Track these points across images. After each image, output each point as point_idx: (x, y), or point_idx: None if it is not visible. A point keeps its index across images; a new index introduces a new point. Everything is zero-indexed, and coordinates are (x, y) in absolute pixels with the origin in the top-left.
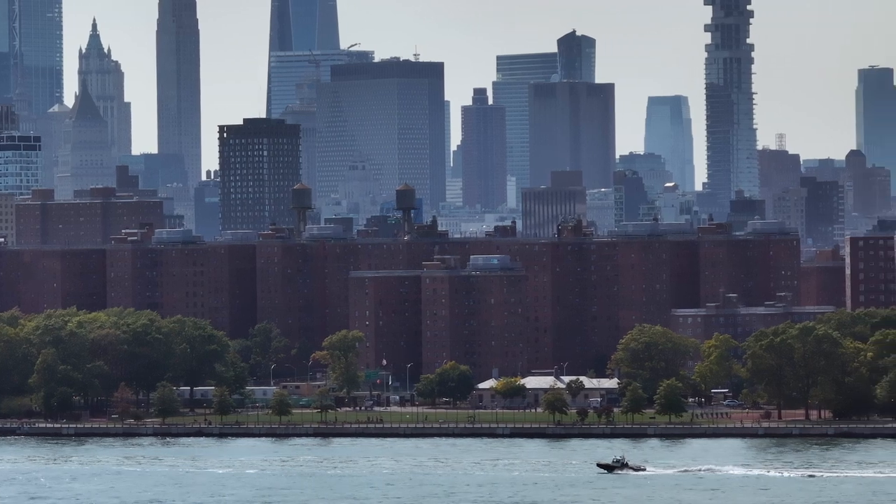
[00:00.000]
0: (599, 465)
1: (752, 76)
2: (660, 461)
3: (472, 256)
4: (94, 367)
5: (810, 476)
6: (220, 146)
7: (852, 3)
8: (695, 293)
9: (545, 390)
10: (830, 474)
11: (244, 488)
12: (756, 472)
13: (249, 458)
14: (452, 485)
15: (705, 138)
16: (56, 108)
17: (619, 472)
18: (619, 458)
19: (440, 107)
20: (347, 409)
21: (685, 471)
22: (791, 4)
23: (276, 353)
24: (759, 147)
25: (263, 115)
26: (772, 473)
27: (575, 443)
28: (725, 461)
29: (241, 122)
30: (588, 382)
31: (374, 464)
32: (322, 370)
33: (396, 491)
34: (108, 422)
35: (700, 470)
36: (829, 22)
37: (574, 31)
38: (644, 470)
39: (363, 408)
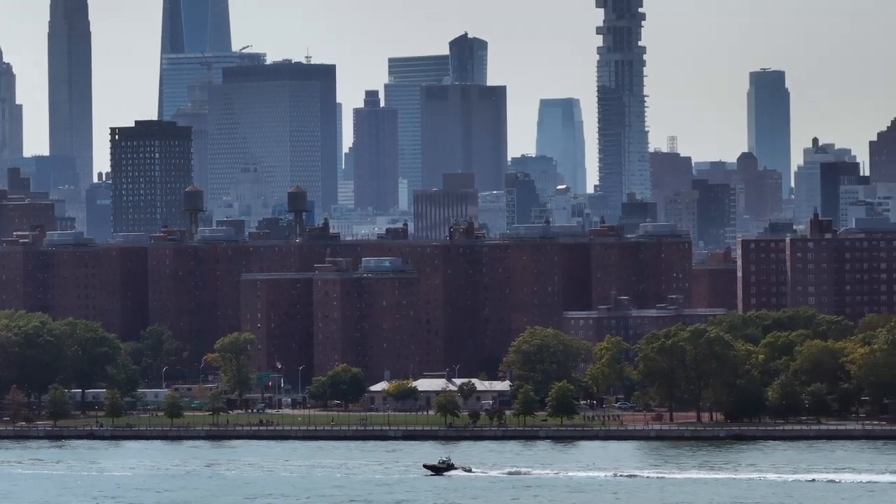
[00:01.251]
0: (426, 467)
1: (644, 79)
2: (490, 462)
3: (363, 259)
4: None
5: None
6: (111, 148)
7: (744, 6)
8: (586, 295)
9: (437, 392)
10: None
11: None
12: (603, 474)
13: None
14: (252, 485)
15: (597, 141)
16: None
17: (447, 473)
18: (444, 459)
19: (332, 109)
20: (239, 411)
21: (512, 472)
22: (683, 7)
23: (167, 356)
24: (651, 149)
25: (155, 118)
26: (619, 476)
27: (461, 445)
28: (576, 464)
29: (132, 125)
30: (480, 385)
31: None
32: (214, 372)
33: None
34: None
35: (529, 472)
36: (720, 25)
37: (466, 34)
38: (471, 471)
39: (255, 410)
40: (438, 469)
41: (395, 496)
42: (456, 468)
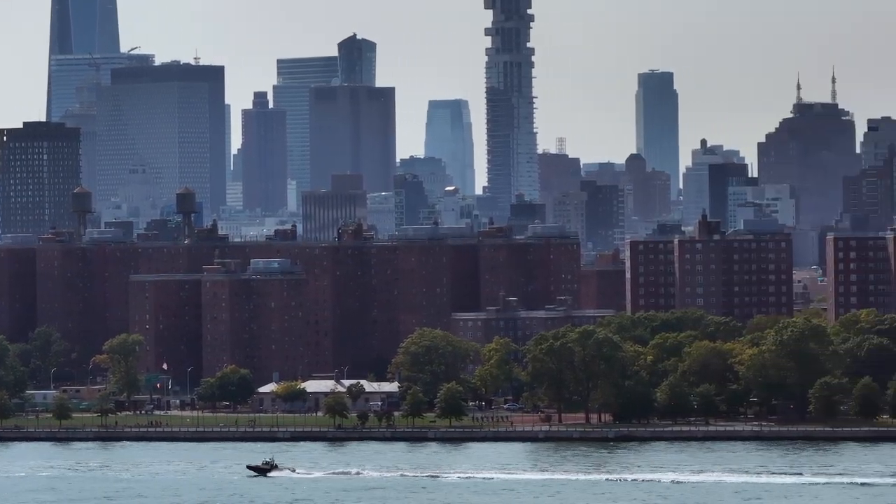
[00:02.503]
0: (249, 468)
1: (533, 80)
2: (312, 464)
3: (252, 260)
4: None
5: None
6: None
7: (632, 7)
8: (475, 297)
9: (326, 394)
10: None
11: None
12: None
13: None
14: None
15: (485, 142)
16: None
17: (270, 474)
18: (268, 460)
19: (221, 110)
20: (128, 412)
21: (336, 473)
22: (571, 8)
23: (56, 357)
24: (540, 151)
25: (43, 119)
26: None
27: (354, 446)
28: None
29: (20, 126)
30: (369, 386)
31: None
32: (103, 374)
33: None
34: None
35: (352, 473)
36: (609, 26)
37: (355, 35)
38: (294, 472)
39: (144, 412)
40: (262, 470)
41: (196, 497)
42: (280, 469)
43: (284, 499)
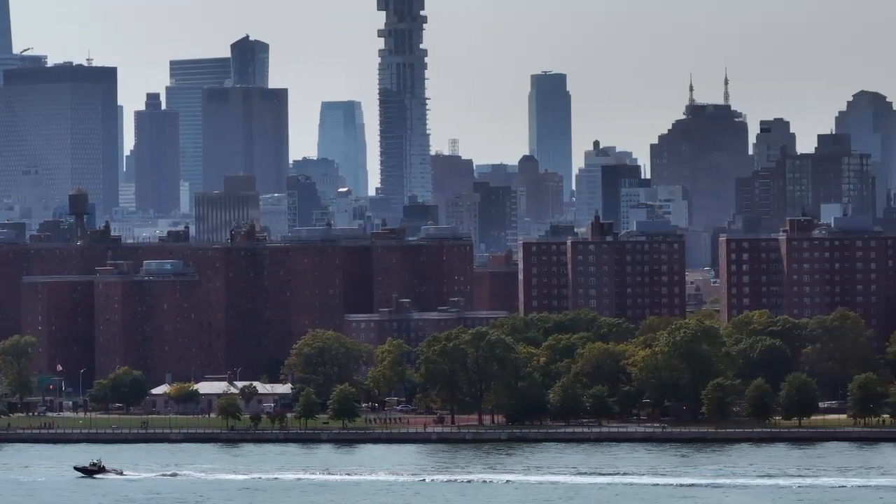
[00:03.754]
0: (77, 469)
1: (426, 81)
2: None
3: (145, 261)
4: None
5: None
6: None
7: (525, 9)
8: (368, 298)
9: (219, 395)
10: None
11: None
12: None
13: None
14: None
15: (378, 143)
16: None
17: (97, 475)
18: (95, 461)
19: (113, 111)
20: (20, 414)
21: (164, 474)
22: (464, 10)
23: None
24: (433, 152)
25: None
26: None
27: (247, 448)
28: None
29: None
30: (261, 387)
31: None
32: None
33: None
34: None
35: (179, 474)
36: (502, 28)
37: (247, 36)
38: (122, 474)
39: (36, 413)
40: (89, 471)
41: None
42: (107, 471)
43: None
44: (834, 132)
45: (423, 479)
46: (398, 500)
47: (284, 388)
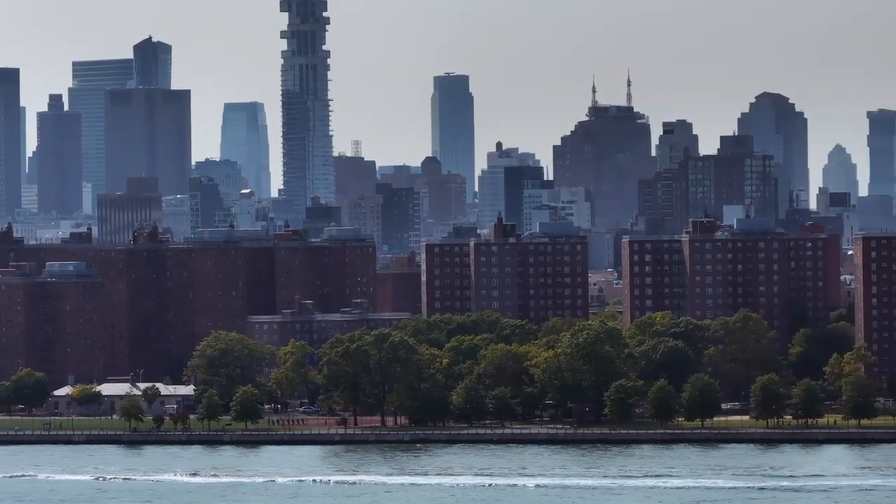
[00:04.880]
0: None
1: (329, 83)
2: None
3: (47, 263)
4: None
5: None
6: None
7: (428, 10)
8: (271, 300)
9: (121, 397)
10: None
11: None
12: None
13: None
14: None
15: (281, 145)
16: None
17: None
18: None
19: (16, 113)
20: None
21: (13, 476)
22: (367, 12)
23: None
24: (336, 154)
25: None
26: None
27: (151, 449)
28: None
29: None
30: (164, 389)
31: None
32: None
33: None
34: None
35: (22, 475)
36: (405, 29)
37: (150, 38)
38: None
39: None
40: None
41: None
42: None
43: None
44: (736, 133)
45: (302, 480)
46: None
47: (187, 390)
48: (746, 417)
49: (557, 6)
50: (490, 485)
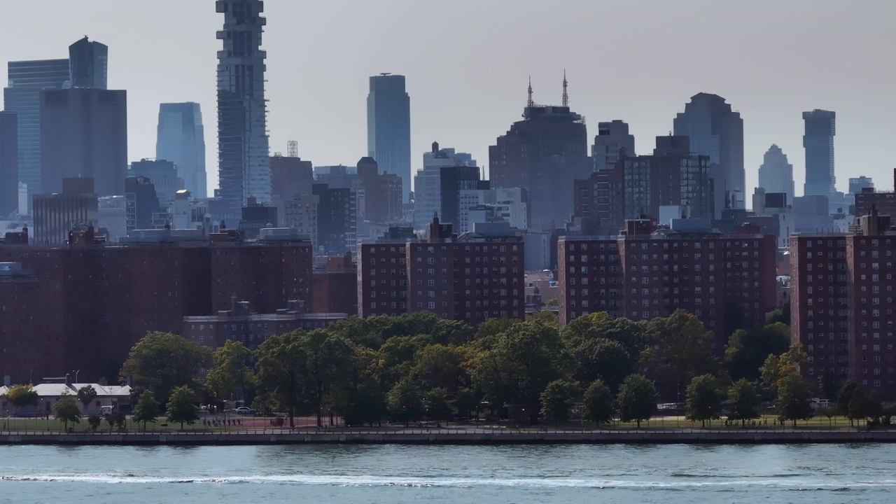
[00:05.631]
0: None
1: (265, 83)
2: None
3: None
4: None
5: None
6: None
7: (364, 11)
8: (207, 300)
9: (57, 397)
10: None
11: None
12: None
13: None
14: None
15: (217, 145)
16: None
17: None
18: None
19: None
20: None
21: None
22: (303, 12)
23: None
24: (272, 154)
25: None
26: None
27: (87, 450)
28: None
29: None
30: (100, 390)
31: None
32: None
33: None
34: None
35: None
36: (341, 30)
37: (86, 38)
38: None
39: None
40: None
41: None
42: None
43: None
44: (672, 134)
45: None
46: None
47: (123, 391)
48: (682, 418)
49: (493, 7)
50: (426, 485)
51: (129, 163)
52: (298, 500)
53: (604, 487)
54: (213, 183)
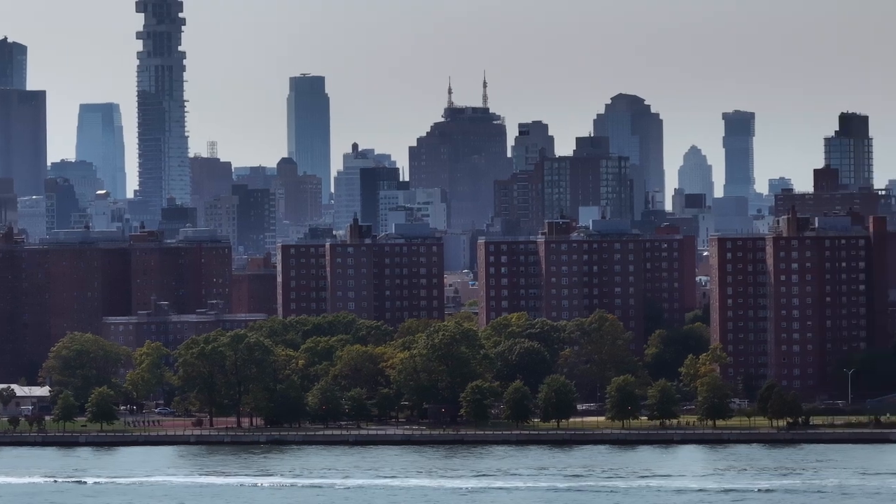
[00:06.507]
0: None
1: (184, 84)
2: None
3: None
4: None
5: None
6: None
7: (284, 11)
8: (127, 301)
9: None
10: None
11: None
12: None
13: None
14: None
15: (137, 146)
16: None
17: None
18: None
19: None
20: None
21: None
22: (223, 13)
23: None
24: (191, 154)
25: None
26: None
27: (6, 451)
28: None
29: None
30: (20, 390)
31: None
32: None
33: None
34: None
35: None
36: (261, 30)
37: (6, 38)
38: None
39: None
40: None
41: None
42: None
43: None
44: (592, 135)
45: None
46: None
47: (43, 391)
48: (602, 418)
49: (414, 7)
50: (346, 487)
51: (49, 163)
52: (212, 499)
53: (516, 487)
54: (132, 183)
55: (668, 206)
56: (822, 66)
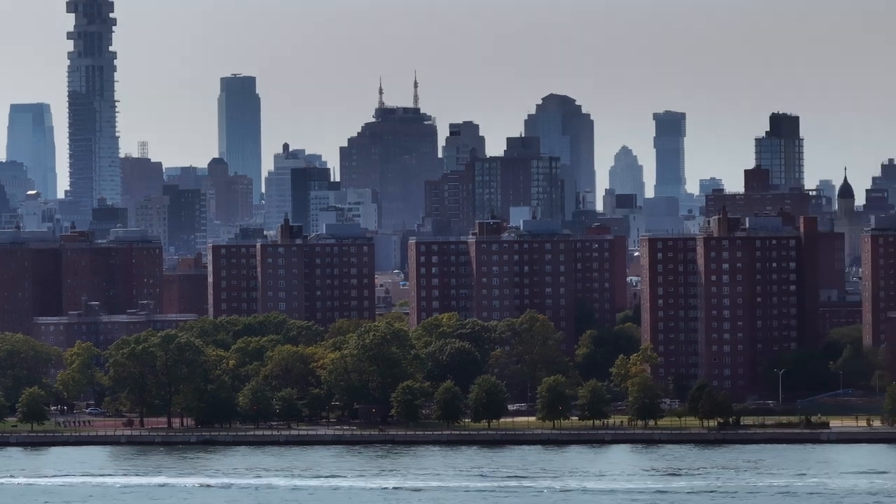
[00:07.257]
0: None
1: (115, 84)
2: None
3: None
4: None
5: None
6: None
7: (215, 11)
8: (57, 301)
9: None
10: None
11: None
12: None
13: None
14: None
15: (68, 146)
16: None
17: None
18: None
19: None
20: None
21: None
22: (154, 13)
23: None
24: (122, 155)
25: None
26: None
27: None
28: None
29: None
30: None
31: None
32: None
33: None
34: None
35: None
36: (192, 30)
37: None
38: None
39: None
40: None
41: None
42: None
43: None
44: (523, 135)
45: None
46: None
47: None
48: (533, 419)
49: (344, 8)
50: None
51: None
52: (145, 500)
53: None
54: (63, 184)
55: (599, 207)
56: (753, 66)
